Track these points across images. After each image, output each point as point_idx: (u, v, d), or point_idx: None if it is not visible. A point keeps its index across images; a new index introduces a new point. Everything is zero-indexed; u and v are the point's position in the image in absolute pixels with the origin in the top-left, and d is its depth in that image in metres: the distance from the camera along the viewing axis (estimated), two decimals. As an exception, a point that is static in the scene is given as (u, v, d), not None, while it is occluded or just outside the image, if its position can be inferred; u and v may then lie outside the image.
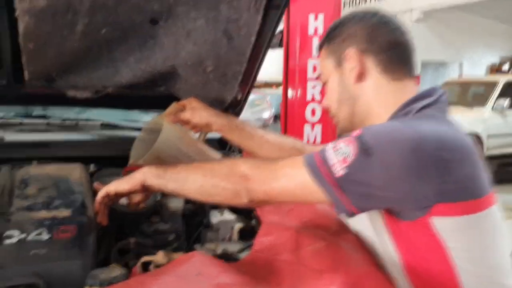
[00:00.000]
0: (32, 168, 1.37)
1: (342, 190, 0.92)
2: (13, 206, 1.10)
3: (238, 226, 1.48)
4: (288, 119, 3.77)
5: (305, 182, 0.96)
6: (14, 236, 1.01)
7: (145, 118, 1.94)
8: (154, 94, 1.61)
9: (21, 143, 1.53)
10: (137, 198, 1.24)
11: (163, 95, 1.60)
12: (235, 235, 1.48)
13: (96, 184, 1.30)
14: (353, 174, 0.91)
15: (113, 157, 1.56)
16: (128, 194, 1.21)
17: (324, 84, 1.20)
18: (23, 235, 1.01)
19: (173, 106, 1.43)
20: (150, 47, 1.42)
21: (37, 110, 1.76)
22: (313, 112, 3.78)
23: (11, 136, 1.56)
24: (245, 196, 1.04)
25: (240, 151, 1.78)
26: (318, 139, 3.72)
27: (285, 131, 3.82)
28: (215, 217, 1.51)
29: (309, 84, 3.76)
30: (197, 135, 1.50)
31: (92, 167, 1.54)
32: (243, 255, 1.18)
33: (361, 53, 1.09)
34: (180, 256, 1.04)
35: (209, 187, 1.09)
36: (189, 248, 1.37)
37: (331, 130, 3.74)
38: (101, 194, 1.19)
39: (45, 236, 1.02)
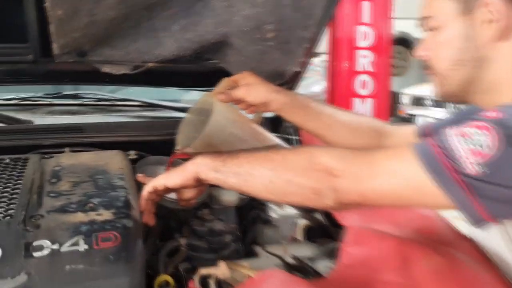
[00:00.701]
0: (65, 157, 1.18)
1: (474, 192, 0.68)
2: (42, 207, 0.91)
3: (302, 223, 1.26)
4: (335, 92, 3.46)
5: (418, 180, 0.73)
6: (45, 247, 0.81)
7: (191, 97, 1.72)
8: (202, 69, 1.39)
9: (52, 127, 1.33)
10: (189, 194, 1.03)
11: (213, 70, 1.37)
12: (300, 234, 1.26)
13: (140, 177, 1.10)
14: (493, 172, 0.67)
15: (156, 142, 1.36)
16: (179, 189, 1.01)
17: (429, 30, 0.93)
18: (55, 246, 0.82)
19: (224, 83, 1.21)
20: (198, 12, 1.19)
21: (68, 89, 1.57)
22: (363, 85, 3.47)
23: (40, 119, 1.37)
24: (331, 196, 0.82)
25: (297, 133, 1.55)
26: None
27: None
28: (275, 211, 1.30)
29: (359, 53, 3.43)
30: (252, 116, 1.28)
31: (133, 154, 1.34)
32: (321, 265, 0.96)
33: (509, 3, 0.83)
34: (249, 272, 0.83)
35: (281, 184, 0.87)
36: (247, 251, 1.17)
37: (385, 106, 3.45)
38: (147, 189, 0.99)
39: (82, 246, 0.83)
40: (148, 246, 1.07)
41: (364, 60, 3.44)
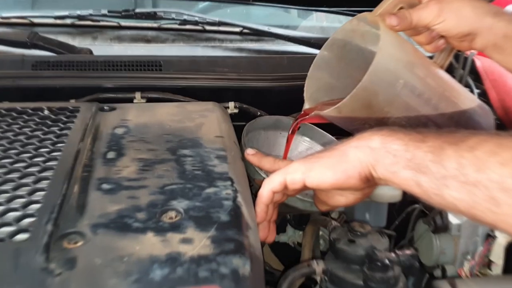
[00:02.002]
0: (134, 110, 0.75)
1: None
2: (85, 216, 0.49)
3: (504, 239, 0.77)
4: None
5: None
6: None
7: (326, 23, 1.20)
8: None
9: (116, 61, 0.91)
10: (342, 199, 0.57)
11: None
12: (497, 255, 0.78)
13: (251, 154, 0.65)
14: None
15: (270, 90, 0.90)
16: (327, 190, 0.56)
17: None
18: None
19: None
20: None
21: (141, 6, 1.12)
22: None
23: (100, 49, 0.95)
24: None
25: (479, 83, 1.02)
26: None
27: None
28: (454, 216, 0.81)
29: None
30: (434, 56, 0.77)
31: (232, 106, 0.89)
32: None
33: None
34: None
35: None
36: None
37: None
38: (269, 187, 0.55)
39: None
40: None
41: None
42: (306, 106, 0.74)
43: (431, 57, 0.76)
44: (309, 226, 0.80)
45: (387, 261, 0.61)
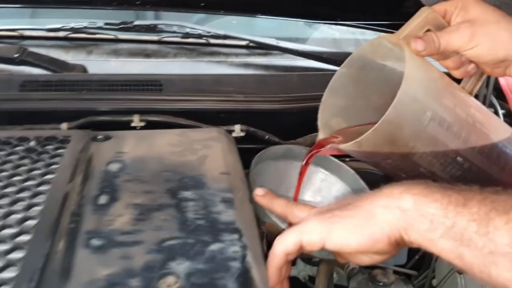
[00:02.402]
0: (131, 140, 0.68)
1: None
2: (72, 278, 0.42)
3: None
4: None
5: None
6: None
7: (349, 35, 1.11)
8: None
9: (113, 80, 0.83)
10: (366, 259, 0.50)
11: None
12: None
13: (260, 196, 0.58)
14: None
15: (281, 113, 0.83)
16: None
17: None
18: None
19: (423, 16, 0.62)
20: None
21: (141, 18, 1.04)
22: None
23: (96, 65, 0.88)
24: None
25: (503, 102, 0.94)
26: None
27: None
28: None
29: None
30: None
31: (238, 130, 0.82)
32: None
33: None
34: None
35: None
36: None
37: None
38: (281, 250, 0.48)
39: None
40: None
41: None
42: (321, 136, 0.67)
43: (458, 81, 0.69)
44: (323, 265, 0.73)
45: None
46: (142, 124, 0.80)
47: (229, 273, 0.44)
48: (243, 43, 0.98)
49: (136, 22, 1.00)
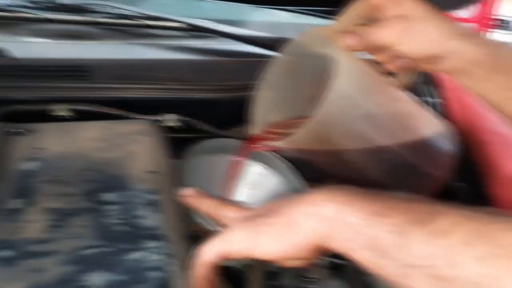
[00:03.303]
0: (51, 134, 0.63)
1: None
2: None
3: None
4: None
5: None
6: None
7: (289, 19, 1.07)
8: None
9: (36, 65, 0.77)
10: (292, 263, 0.49)
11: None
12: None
13: (189, 197, 0.56)
14: None
15: (216, 102, 0.81)
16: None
17: None
18: None
19: (355, 10, 0.61)
20: None
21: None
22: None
23: (16, 48, 0.81)
24: None
25: (434, 94, 0.96)
26: None
27: None
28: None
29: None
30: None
31: (174, 119, 0.78)
32: None
33: None
34: None
35: None
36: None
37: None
38: (205, 260, 0.46)
39: None
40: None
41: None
42: (254, 131, 0.66)
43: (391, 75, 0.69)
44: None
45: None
46: (68, 114, 0.75)
47: (150, 284, 0.42)
48: (180, 25, 0.93)
49: (65, 0, 0.93)
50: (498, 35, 5.55)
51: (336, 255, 0.71)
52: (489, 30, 4.19)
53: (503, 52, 0.60)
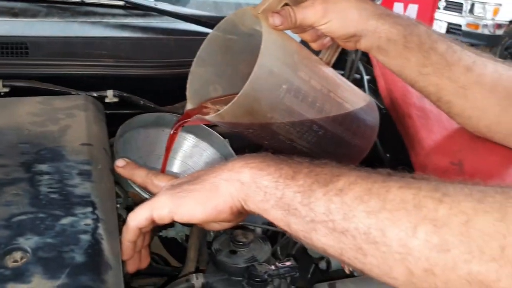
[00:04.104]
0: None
1: None
2: None
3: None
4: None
5: None
6: None
7: None
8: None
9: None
10: (215, 226, 0.54)
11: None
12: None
13: (121, 167, 0.59)
14: None
15: (152, 78, 0.83)
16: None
17: None
18: None
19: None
20: None
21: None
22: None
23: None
24: None
25: (368, 71, 1.02)
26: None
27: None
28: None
29: None
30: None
31: (111, 95, 0.81)
32: None
33: None
34: None
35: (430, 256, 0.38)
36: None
37: (430, 13, 2.82)
38: (134, 224, 0.50)
39: None
40: None
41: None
42: (189, 106, 0.69)
43: (317, 53, 0.74)
44: (195, 226, 0.77)
45: (266, 276, 0.59)
46: (6, 90, 0.76)
47: (78, 246, 0.45)
48: (120, 3, 0.95)
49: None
50: (445, 16, 5.75)
51: (270, 223, 0.76)
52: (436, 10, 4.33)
53: (416, 31, 0.66)
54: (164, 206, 0.49)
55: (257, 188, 0.46)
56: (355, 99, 0.75)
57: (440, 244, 0.36)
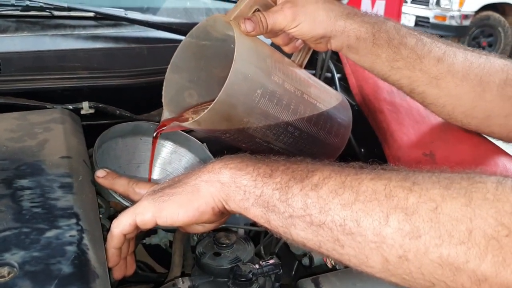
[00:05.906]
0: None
1: None
2: None
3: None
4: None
5: None
6: None
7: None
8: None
9: None
10: (198, 228, 0.55)
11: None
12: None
13: (101, 177, 0.60)
14: None
15: (129, 88, 0.84)
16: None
17: None
18: None
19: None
20: None
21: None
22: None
23: None
24: None
25: (338, 69, 1.04)
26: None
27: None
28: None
29: None
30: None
31: (86, 107, 0.81)
32: None
33: None
34: None
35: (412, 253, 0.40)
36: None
37: (397, 7, 2.88)
38: (118, 230, 0.51)
39: None
40: None
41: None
42: (165, 114, 0.70)
43: (289, 55, 0.75)
44: (178, 231, 0.78)
45: (250, 275, 0.61)
46: (-21, 107, 0.76)
47: (65, 258, 0.46)
48: (90, 14, 0.95)
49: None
50: (412, 9, 5.86)
51: (252, 224, 0.77)
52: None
53: (384, 28, 0.68)
54: (147, 211, 0.50)
55: (236, 187, 0.47)
56: (328, 98, 0.77)
57: (412, 231, 0.38)
